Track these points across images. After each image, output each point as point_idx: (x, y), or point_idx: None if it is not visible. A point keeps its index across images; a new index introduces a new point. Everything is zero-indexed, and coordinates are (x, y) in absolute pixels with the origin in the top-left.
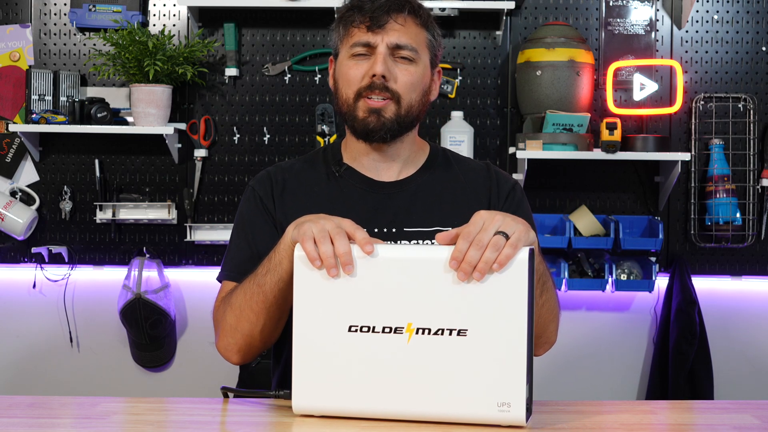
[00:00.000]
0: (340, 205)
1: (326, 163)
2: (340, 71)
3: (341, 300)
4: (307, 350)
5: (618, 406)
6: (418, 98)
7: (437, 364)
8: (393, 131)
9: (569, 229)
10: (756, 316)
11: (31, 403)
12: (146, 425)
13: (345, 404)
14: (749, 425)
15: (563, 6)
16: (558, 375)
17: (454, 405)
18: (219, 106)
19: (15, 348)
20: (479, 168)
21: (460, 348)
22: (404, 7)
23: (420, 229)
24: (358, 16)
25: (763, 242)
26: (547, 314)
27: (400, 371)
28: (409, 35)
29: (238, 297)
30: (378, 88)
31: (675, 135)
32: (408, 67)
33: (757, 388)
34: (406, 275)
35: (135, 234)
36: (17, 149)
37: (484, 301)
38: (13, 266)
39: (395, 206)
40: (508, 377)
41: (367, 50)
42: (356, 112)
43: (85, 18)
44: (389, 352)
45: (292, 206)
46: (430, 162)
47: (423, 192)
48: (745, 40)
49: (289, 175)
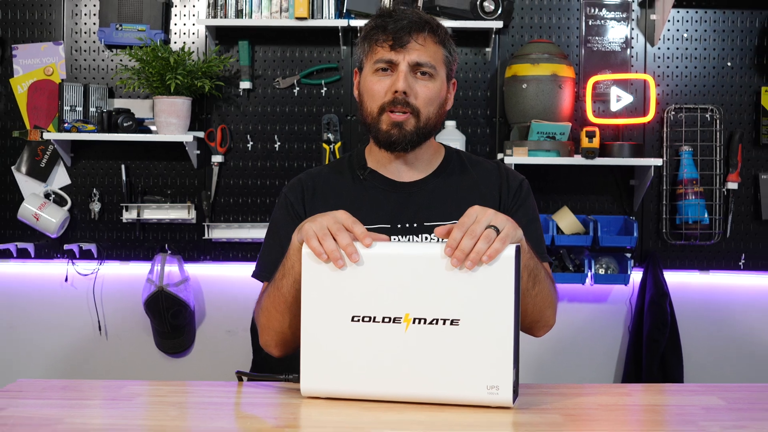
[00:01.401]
0: (366, 204)
1: (351, 168)
2: (365, 86)
3: (345, 293)
4: (314, 338)
5: (597, 388)
6: (435, 111)
7: (432, 351)
8: (413, 142)
9: (552, 228)
10: (722, 307)
11: (63, 386)
12: (168, 406)
13: (348, 387)
14: (716, 406)
15: (546, 25)
16: (542, 360)
17: (448, 388)
18: (234, 116)
19: (49, 336)
20: (491, 167)
21: (452, 336)
22: (424, 28)
23: (439, 223)
24: (381, 35)
25: (728, 240)
26: (542, 302)
27: (398, 357)
28: (428, 53)
29: (266, 300)
30: (400, 103)
31: (648, 142)
32: (427, 83)
33: (723, 373)
34: (403, 270)
35: (158, 232)
36: (51, 155)
37: (474, 294)
38: (47, 262)
39: (416, 203)
40: (497, 363)
41: (390, 67)
42: (380, 125)
43: (112, 36)
44: (389, 340)
45: (322, 208)
46: (446, 163)
47: (440, 190)
48: (712, 56)
49: (318, 180)
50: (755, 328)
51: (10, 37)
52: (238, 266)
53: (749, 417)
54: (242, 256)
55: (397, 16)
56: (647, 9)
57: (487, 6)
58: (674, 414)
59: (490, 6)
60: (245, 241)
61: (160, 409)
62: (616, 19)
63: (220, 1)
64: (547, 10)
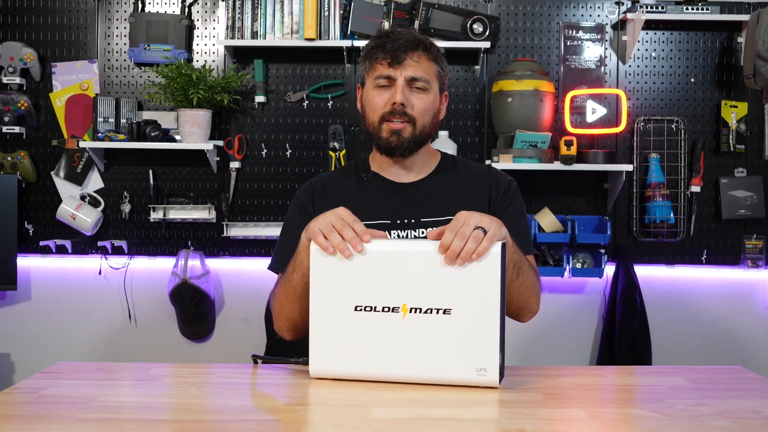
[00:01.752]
0: (370, 203)
1: (356, 172)
2: (367, 99)
3: (348, 285)
4: (321, 325)
5: (574, 370)
6: (429, 120)
7: (427, 337)
8: (410, 148)
9: (534, 227)
10: (686, 297)
11: (97, 368)
12: (190, 386)
13: (352, 369)
14: (681, 386)
15: (529, 45)
16: (525, 345)
17: (440, 370)
18: (250, 126)
19: (84, 323)
20: (482, 170)
21: (445, 324)
22: (418, 46)
23: (435, 219)
24: (381, 53)
25: (692, 238)
26: (526, 291)
27: (396, 343)
28: (422, 69)
29: (279, 290)
30: (398, 114)
31: (620, 150)
32: (422, 96)
33: (687, 356)
34: (401, 265)
35: (181, 230)
36: (86, 162)
37: (464, 286)
38: (83, 257)
39: (414, 202)
40: (484, 348)
41: (389, 82)
42: (381, 133)
43: (141, 55)
44: (388, 328)
45: (330, 208)
46: (441, 166)
47: (436, 190)
48: (677, 73)
49: (327, 184)
50: (716, 316)
51: (50, 56)
52: (253, 261)
53: (710, 395)
54: (257, 252)
55: (395, 37)
56: (619, 31)
57: (476, 28)
58: (643, 393)
59: (479, 28)
60: (260, 238)
61: (183, 389)
62: (591, 40)
63: (237, 23)
64: (530, 31)
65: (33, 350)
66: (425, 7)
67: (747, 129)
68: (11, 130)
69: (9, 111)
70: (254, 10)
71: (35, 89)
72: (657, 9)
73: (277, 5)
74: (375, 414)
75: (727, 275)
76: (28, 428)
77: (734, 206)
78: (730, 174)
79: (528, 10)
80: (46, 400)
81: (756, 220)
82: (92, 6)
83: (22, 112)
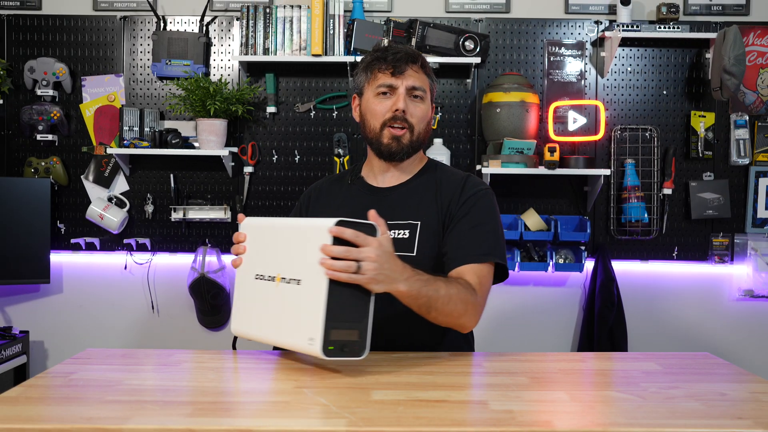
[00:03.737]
0: (349, 204)
1: (348, 176)
2: (368, 106)
3: (254, 256)
4: (238, 291)
5: (556, 356)
6: (425, 127)
7: (286, 305)
8: (408, 153)
9: (521, 226)
10: (659, 289)
11: (123, 354)
12: (208, 371)
13: (249, 331)
14: (654, 371)
15: (516, 61)
16: (511, 333)
17: (289, 336)
18: (262, 134)
19: (111, 314)
20: (456, 178)
21: (296, 294)
22: (417, 60)
23: (399, 221)
24: (383, 64)
25: (664, 236)
26: (444, 320)
27: (271, 309)
28: (420, 80)
29: None
30: (399, 120)
31: (599, 156)
32: (419, 104)
33: (660, 343)
34: (288, 240)
35: (200, 229)
36: (113, 166)
37: (313, 261)
38: (110, 253)
39: (385, 205)
40: (313, 319)
41: (390, 90)
42: (382, 139)
43: (163, 69)
44: (269, 294)
45: (321, 208)
46: (421, 172)
47: (406, 195)
48: (651, 86)
49: (322, 189)
50: (686, 306)
51: (80, 70)
52: None
53: (681, 379)
54: None
55: (394, 50)
56: (598, 48)
57: (468, 45)
58: (620, 377)
59: (471, 45)
60: None
61: (201, 373)
62: (572, 56)
63: (251, 41)
64: (517, 48)
65: (64, 338)
66: (421, 26)
67: (714, 137)
68: (45, 138)
69: (43, 120)
70: (266, 29)
71: (67, 101)
72: (632, 28)
73: (287, 24)
74: (375, 396)
75: (696, 270)
76: (59, 409)
77: (702, 207)
78: (698, 178)
79: (515, 29)
80: (76, 383)
81: (722, 220)
82: (118, 25)
83: (55, 122)
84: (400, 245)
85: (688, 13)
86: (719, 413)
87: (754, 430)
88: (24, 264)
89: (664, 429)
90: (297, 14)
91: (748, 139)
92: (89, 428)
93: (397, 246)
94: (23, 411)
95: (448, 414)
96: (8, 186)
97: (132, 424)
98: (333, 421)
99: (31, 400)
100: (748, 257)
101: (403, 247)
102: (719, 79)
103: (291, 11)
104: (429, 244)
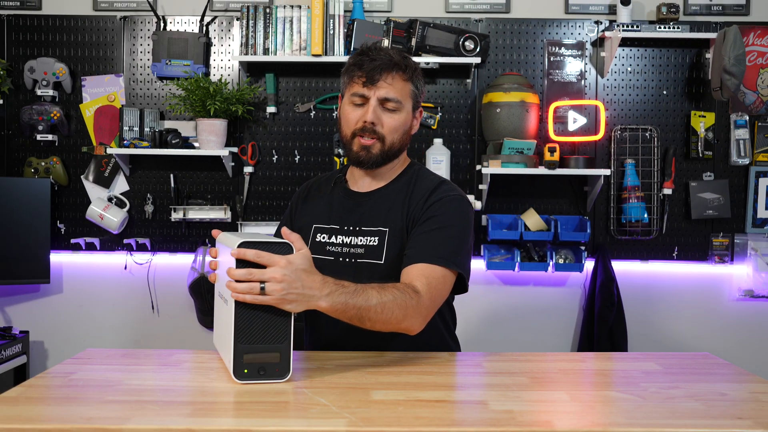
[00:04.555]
0: (328, 209)
1: (333, 178)
2: (342, 113)
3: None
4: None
5: (556, 356)
6: (399, 137)
7: (224, 324)
8: (378, 162)
9: (521, 226)
10: (659, 289)
11: (123, 354)
12: (208, 370)
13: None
14: (653, 370)
15: (516, 61)
16: (511, 333)
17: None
18: (262, 134)
19: (111, 313)
20: (429, 184)
21: (228, 313)
22: (393, 68)
23: (370, 228)
24: (357, 71)
25: (664, 236)
26: (383, 327)
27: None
28: (395, 90)
29: None
30: (368, 131)
31: (599, 156)
32: (393, 115)
33: (660, 343)
34: (223, 260)
35: (199, 229)
36: (113, 166)
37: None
38: (110, 253)
39: (361, 210)
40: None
41: (362, 100)
42: (352, 147)
43: (163, 70)
44: (220, 312)
45: (309, 204)
46: (398, 178)
47: (380, 200)
48: (651, 86)
49: (312, 187)
50: (685, 307)
51: (80, 70)
52: None
53: (681, 379)
54: None
55: (373, 56)
56: (598, 48)
57: (468, 45)
58: (620, 377)
59: (471, 45)
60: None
61: (201, 373)
62: (572, 56)
63: (251, 41)
64: (517, 48)
65: (64, 338)
66: (421, 26)
67: (714, 137)
68: (45, 138)
69: (43, 120)
70: (266, 29)
71: (67, 101)
72: (632, 28)
73: (287, 24)
74: (375, 396)
75: (696, 270)
76: (59, 409)
77: (702, 207)
78: (698, 178)
79: (515, 29)
80: (76, 383)
81: (722, 220)
82: (118, 25)
83: (55, 122)
84: (370, 253)
85: (688, 13)
86: (719, 413)
87: (754, 430)
88: (24, 264)
89: (664, 429)
90: (297, 14)
91: (748, 139)
92: (89, 428)
93: (367, 254)
94: (23, 411)
95: (448, 414)
96: (8, 186)
97: (132, 424)
98: (333, 421)
99: (31, 400)
100: (748, 257)
101: (372, 255)
102: (719, 79)
103: (291, 11)
104: (396, 252)
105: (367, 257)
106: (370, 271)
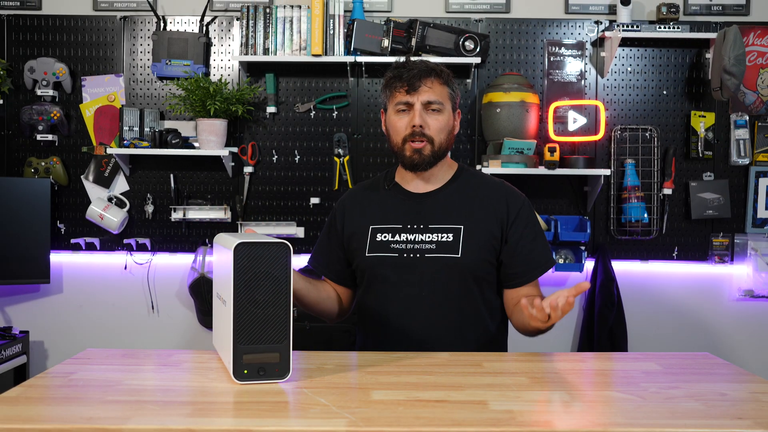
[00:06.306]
0: (385, 210)
1: (383, 183)
2: (390, 123)
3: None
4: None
5: (557, 356)
6: (445, 137)
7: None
8: (430, 163)
9: None
10: (659, 289)
11: (123, 354)
12: (208, 371)
13: (216, 345)
14: (654, 370)
15: (516, 61)
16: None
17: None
18: (262, 134)
19: (111, 314)
20: (495, 184)
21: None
22: (430, 74)
23: (442, 225)
24: (398, 82)
25: (664, 236)
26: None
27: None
28: (435, 93)
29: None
30: (417, 135)
31: (599, 156)
32: (437, 116)
33: (660, 343)
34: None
35: (200, 229)
36: (113, 166)
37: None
38: (110, 253)
39: (424, 210)
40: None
41: (407, 107)
42: (405, 152)
43: (163, 70)
44: (219, 312)
45: (357, 216)
46: (454, 178)
47: (444, 200)
48: (651, 86)
49: (356, 196)
50: (685, 307)
51: (80, 70)
52: None
53: (680, 379)
54: None
55: (410, 66)
56: (598, 48)
57: (468, 45)
58: (620, 377)
59: (471, 45)
60: (272, 236)
61: (201, 373)
62: (572, 56)
63: (251, 41)
64: (517, 48)
65: (64, 338)
66: (421, 26)
67: (714, 137)
68: (45, 138)
69: (43, 120)
70: (266, 29)
71: (67, 101)
72: (632, 28)
73: (287, 24)
74: (375, 396)
75: (696, 270)
76: (59, 409)
77: (702, 207)
78: (698, 178)
79: (515, 29)
80: (76, 383)
81: (722, 220)
82: (118, 25)
83: (55, 122)
84: (444, 248)
85: (688, 13)
86: (719, 413)
87: (754, 430)
88: (24, 264)
89: (664, 429)
90: (297, 14)
91: (748, 139)
92: (89, 428)
93: (440, 249)
94: (23, 411)
95: (448, 414)
96: (8, 186)
97: (132, 424)
98: (333, 421)
99: (31, 400)
100: (748, 257)
101: (447, 250)
102: (719, 79)
103: (291, 11)
104: (476, 248)
105: (439, 252)
106: (443, 264)
